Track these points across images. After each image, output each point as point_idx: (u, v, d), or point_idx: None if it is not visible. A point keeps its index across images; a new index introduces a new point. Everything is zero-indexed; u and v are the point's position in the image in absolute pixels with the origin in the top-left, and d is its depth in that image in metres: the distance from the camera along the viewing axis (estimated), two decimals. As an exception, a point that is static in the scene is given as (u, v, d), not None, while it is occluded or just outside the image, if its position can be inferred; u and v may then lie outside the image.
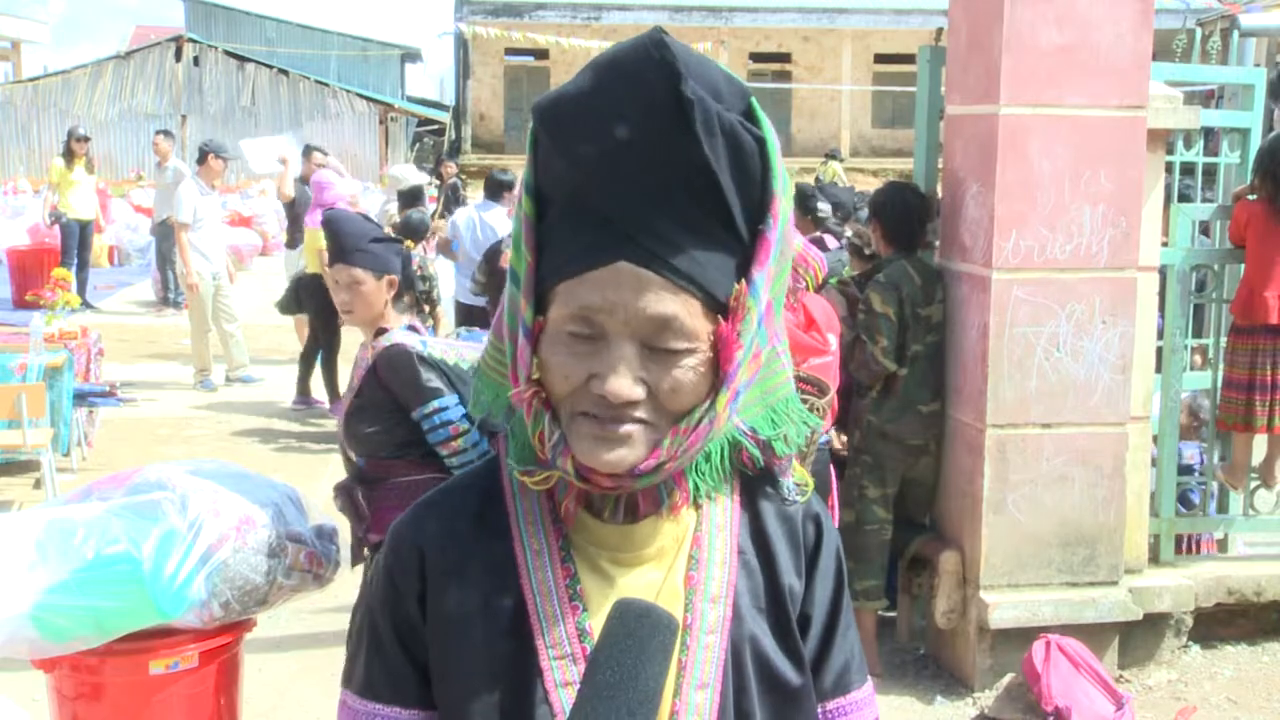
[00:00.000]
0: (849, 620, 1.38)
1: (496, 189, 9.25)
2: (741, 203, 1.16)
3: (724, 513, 1.31)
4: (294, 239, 10.88)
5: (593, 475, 1.19)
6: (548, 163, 1.19)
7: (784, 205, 1.19)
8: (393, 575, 1.29)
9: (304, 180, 10.83)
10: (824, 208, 8.72)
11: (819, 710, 1.36)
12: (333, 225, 3.75)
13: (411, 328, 3.66)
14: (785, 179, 1.21)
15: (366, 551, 3.63)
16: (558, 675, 1.23)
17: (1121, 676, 4.93)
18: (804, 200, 8.72)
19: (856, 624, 1.44)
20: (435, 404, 3.45)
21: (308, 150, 11.52)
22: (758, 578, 1.31)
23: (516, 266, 1.21)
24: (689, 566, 1.28)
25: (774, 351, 1.26)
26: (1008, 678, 4.62)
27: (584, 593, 1.25)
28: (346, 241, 3.69)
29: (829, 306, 4.82)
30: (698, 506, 1.29)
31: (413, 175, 11.41)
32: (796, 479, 1.34)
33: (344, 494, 3.60)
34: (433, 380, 3.47)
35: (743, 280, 1.17)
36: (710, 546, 1.29)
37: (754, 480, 1.33)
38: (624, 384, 1.14)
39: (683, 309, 1.14)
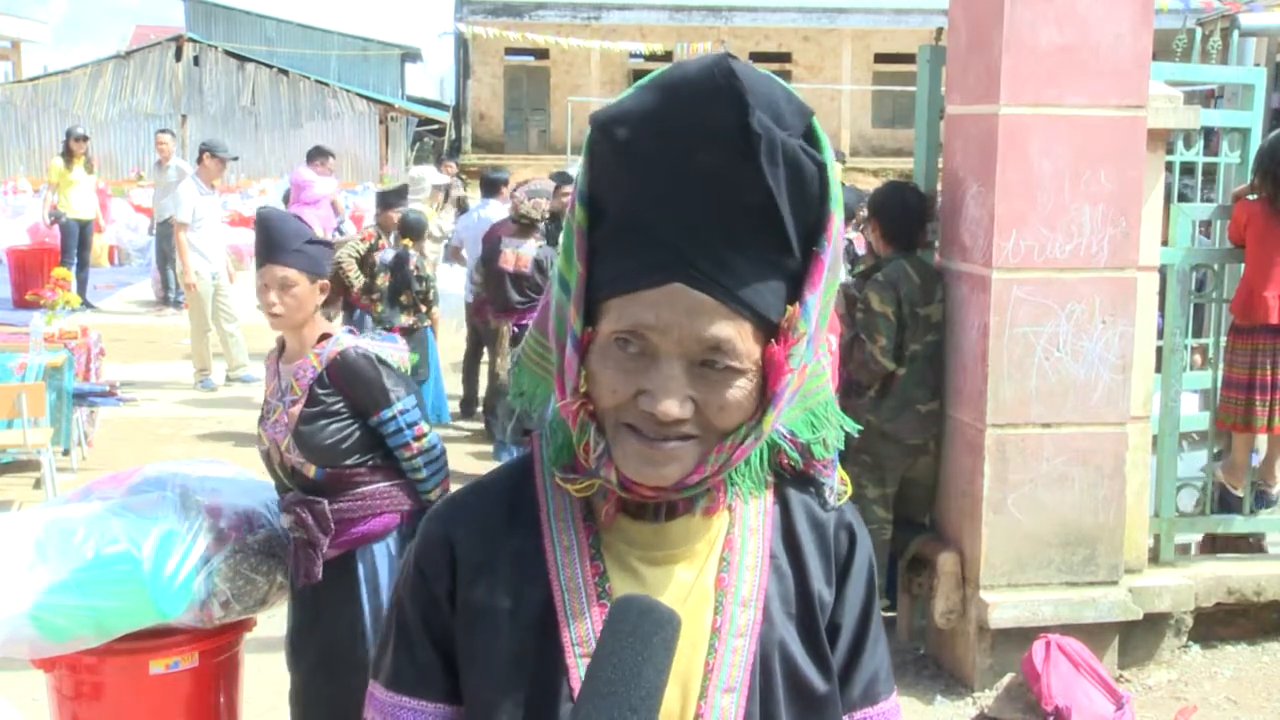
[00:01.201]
0: (879, 631, 1.38)
1: (491, 186, 9.74)
2: (798, 226, 1.16)
3: (757, 515, 1.31)
4: None
5: (636, 487, 1.20)
6: (604, 175, 1.18)
7: (838, 225, 1.19)
8: (422, 568, 1.30)
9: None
10: None
11: (846, 719, 1.35)
12: (264, 224, 3.60)
13: (350, 330, 3.62)
14: (839, 197, 1.21)
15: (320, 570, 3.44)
16: (584, 672, 1.22)
17: (1121, 676, 4.93)
18: None
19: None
20: (400, 405, 3.42)
21: (317, 152, 11.53)
22: (789, 583, 1.31)
23: (567, 275, 1.21)
24: (720, 568, 1.28)
25: (818, 364, 1.28)
26: (1008, 677, 4.62)
27: (612, 591, 1.25)
28: (280, 241, 3.54)
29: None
30: (731, 509, 1.29)
31: (432, 176, 11.40)
32: (840, 476, 1.34)
33: (299, 509, 3.41)
34: (394, 381, 3.44)
35: (795, 304, 1.17)
36: (742, 549, 1.29)
37: (788, 484, 1.33)
38: (673, 404, 1.14)
39: (735, 332, 1.14)
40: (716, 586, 1.27)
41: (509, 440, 7.85)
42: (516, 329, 7.73)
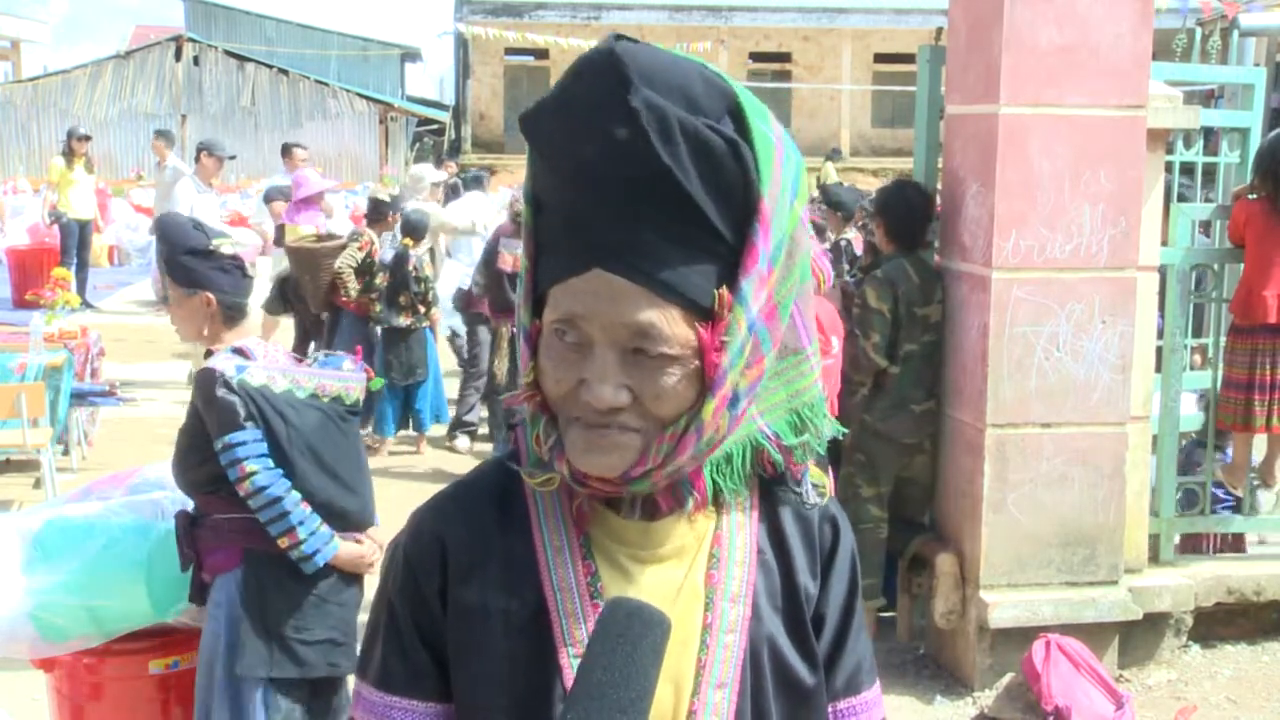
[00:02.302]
0: (861, 622, 1.39)
1: (474, 181, 11.38)
2: (722, 208, 1.14)
3: (743, 512, 1.31)
4: (278, 238, 10.88)
5: (588, 479, 1.20)
6: (536, 170, 1.20)
7: (785, 211, 1.17)
8: (413, 565, 1.29)
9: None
10: None
11: (829, 709, 1.36)
12: (158, 230, 3.42)
13: (238, 350, 3.22)
14: (795, 179, 1.19)
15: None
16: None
17: (1121, 676, 4.93)
18: None
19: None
20: (227, 438, 3.08)
21: (287, 149, 11.52)
22: (775, 578, 1.31)
23: (520, 270, 1.24)
24: (709, 565, 1.28)
25: (801, 355, 1.26)
26: (1008, 677, 4.62)
27: (604, 590, 1.25)
28: (163, 250, 3.36)
29: (833, 310, 4.84)
30: (719, 506, 1.29)
31: (431, 174, 11.39)
32: (814, 480, 1.34)
33: (179, 524, 3.28)
34: (231, 410, 3.09)
35: (723, 287, 1.16)
36: (731, 545, 1.29)
37: (773, 481, 1.33)
38: (606, 391, 1.14)
39: (660, 316, 1.13)
40: (706, 583, 1.27)
41: (503, 440, 7.85)
42: (515, 330, 7.71)
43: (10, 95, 29.75)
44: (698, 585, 1.27)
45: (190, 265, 3.27)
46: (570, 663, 1.23)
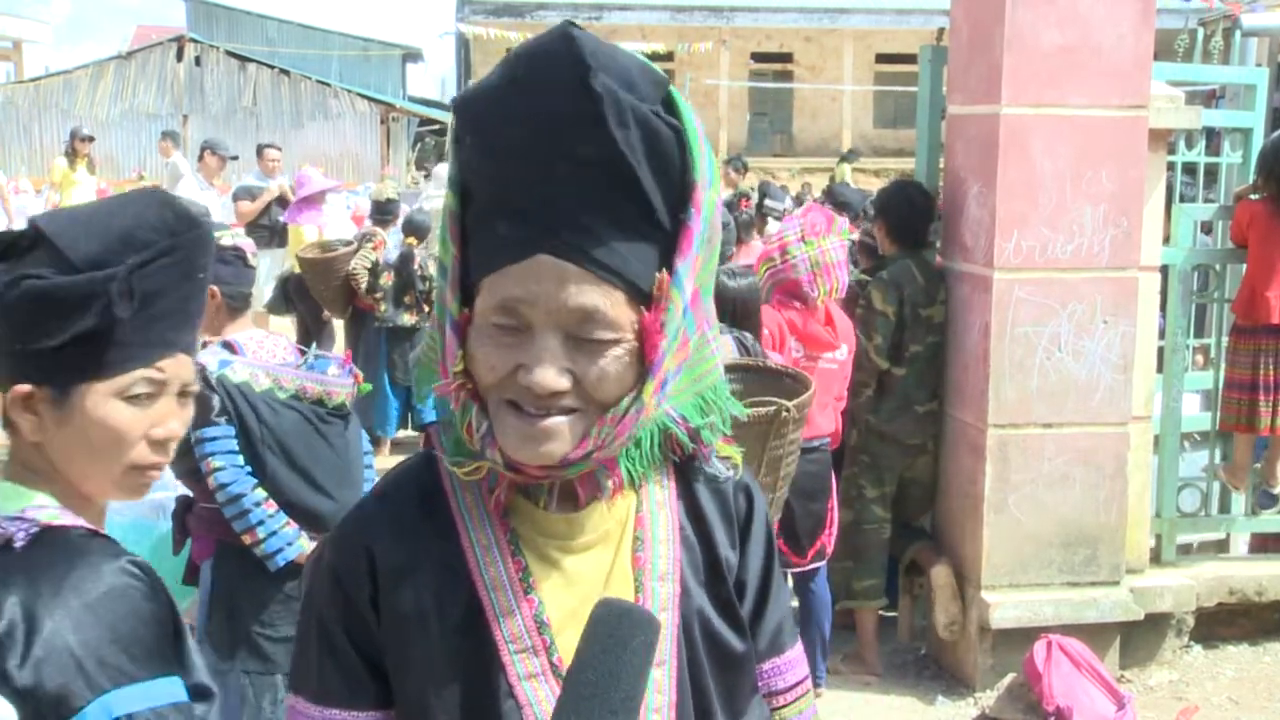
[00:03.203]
0: (780, 582, 1.42)
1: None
2: (662, 193, 1.16)
3: (662, 491, 1.33)
4: (280, 238, 10.87)
5: (523, 466, 1.20)
6: (469, 157, 1.20)
7: (709, 195, 1.20)
8: (339, 576, 1.28)
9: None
10: (774, 205, 8.87)
11: (756, 670, 1.39)
12: None
13: (228, 345, 3.26)
14: (712, 168, 1.21)
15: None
16: (520, 668, 1.24)
17: (1123, 676, 4.93)
18: (760, 196, 8.91)
19: (857, 623, 1.46)
20: (198, 432, 3.09)
21: (261, 150, 11.49)
22: (697, 553, 1.33)
23: (443, 259, 1.23)
24: (635, 547, 1.30)
25: (704, 338, 1.27)
26: (1009, 678, 4.62)
27: (537, 583, 1.26)
28: None
29: (849, 323, 4.85)
30: (636, 489, 1.30)
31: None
32: (724, 453, 1.35)
33: (176, 507, 3.37)
34: (205, 405, 3.10)
35: (664, 270, 1.18)
36: (653, 525, 1.31)
37: (684, 461, 1.34)
38: (549, 375, 1.15)
39: (605, 300, 1.15)
40: (634, 565, 1.29)
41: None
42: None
43: (12, 95, 29.77)
44: (626, 568, 1.29)
45: None
46: (512, 659, 1.24)
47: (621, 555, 1.29)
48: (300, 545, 3.21)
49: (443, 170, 11.64)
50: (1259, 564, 5.46)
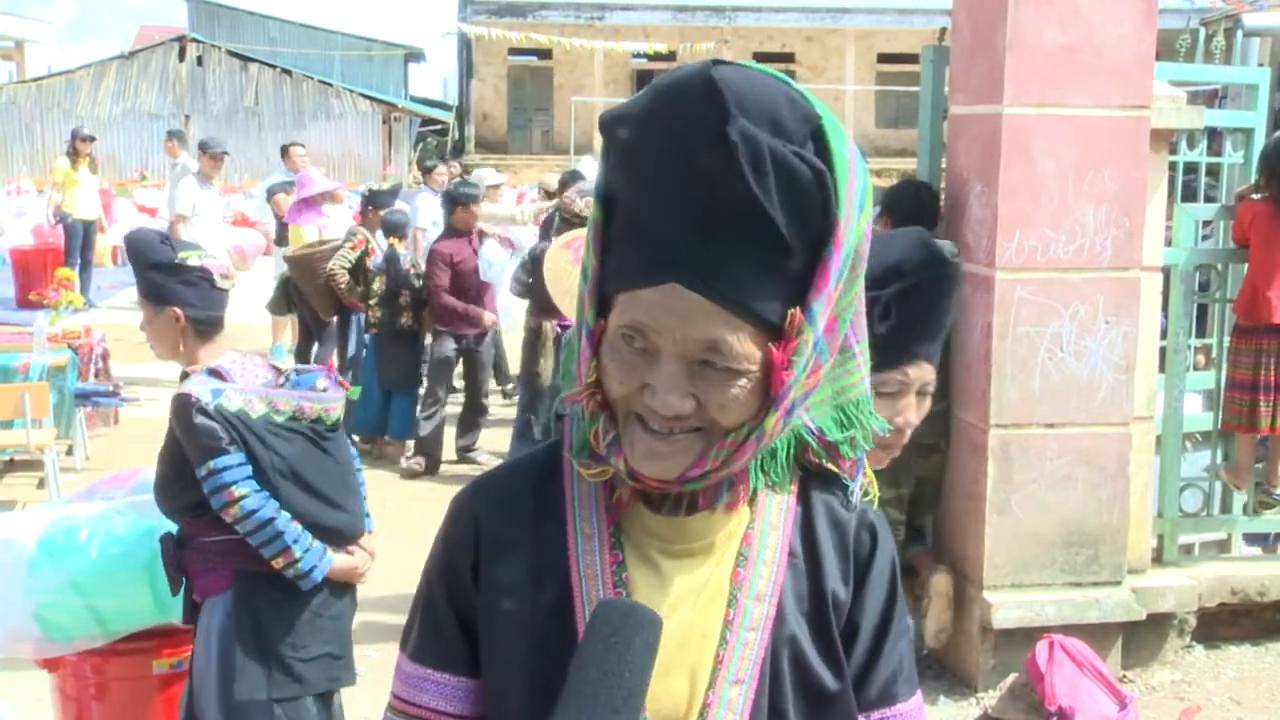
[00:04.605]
0: (900, 631, 1.37)
1: (425, 172, 11.77)
2: (800, 232, 1.15)
3: (779, 512, 1.32)
4: (282, 238, 10.91)
5: (643, 476, 1.22)
6: (614, 173, 1.21)
7: (855, 226, 1.19)
8: (449, 544, 1.34)
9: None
10: None
11: (863, 719, 1.35)
12: (126, 246, 3.35)
13: (214, 371, 3.12)
14: (863, 196, 1.20)
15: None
16: None
17: (1125, 676, 4.93)
18: None
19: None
20: (211, 464, 2.99)
21: (285, 149, 11.58)
22: (804, 581, 1.32)
23: (587, 265, 1.24)
24: (737, 563, 1.29)
25: (850, 353, 1.28)
26: (1011, 678, 4.61)
27: (629, 580, 1.27)
28: (133, 264, 3.24)
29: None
30: (753, 504, 1.30)
31: (491, 177, 11.38)
32: (865, 484, 1.34)
33: (165, 548, 3.20)
34: (212, 436, 2.99)
35: (797, 307, 1.17)
36: (761, 545, 1.30)
37: (813, 482, 1.34)
38: (672, 400, 1.16)
39: (731, 334, 1.15)
40: (731, 580, 1.28)
41: (549, 438, 7.71)
42: (560, 329, 7.43)
43: (15, 95, 29.81)
44: (723, 582, 1.28)
45: (157, 280, 3.17)
46: None
47: (721, 568, 1.29)
48: (330, 558, 3.15)
49: (480, 174, 11.51)
50: (1261, 564, 5.46)
